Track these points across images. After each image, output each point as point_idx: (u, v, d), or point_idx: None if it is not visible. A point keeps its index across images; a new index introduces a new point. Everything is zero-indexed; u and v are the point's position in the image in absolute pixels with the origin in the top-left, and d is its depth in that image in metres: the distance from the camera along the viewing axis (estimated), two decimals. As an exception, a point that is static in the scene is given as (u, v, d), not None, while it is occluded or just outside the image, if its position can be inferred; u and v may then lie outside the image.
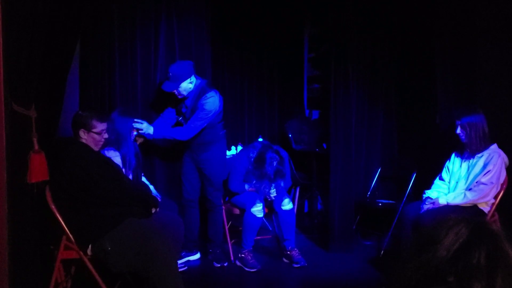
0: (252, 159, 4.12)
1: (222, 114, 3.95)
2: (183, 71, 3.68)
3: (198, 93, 3.76)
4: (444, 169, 3.72)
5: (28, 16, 2.46)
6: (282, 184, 4.18)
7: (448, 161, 3.70)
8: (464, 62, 4.00)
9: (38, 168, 2.59)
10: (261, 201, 3.99)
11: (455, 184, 3.60)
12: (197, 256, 4.10)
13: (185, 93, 3.75)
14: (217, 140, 3.94)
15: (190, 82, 3.73)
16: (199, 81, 3.80)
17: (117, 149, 3.38)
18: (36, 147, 2.61)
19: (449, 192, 3.62)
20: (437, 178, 3.74)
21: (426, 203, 3.55)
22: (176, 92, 3.74)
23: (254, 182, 4.14)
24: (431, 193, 3.63)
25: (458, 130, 3.52)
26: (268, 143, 4.28)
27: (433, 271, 0.98)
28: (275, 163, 4.05)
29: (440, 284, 0.97)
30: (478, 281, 0.95)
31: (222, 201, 4.10)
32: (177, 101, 3.89)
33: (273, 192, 4.08)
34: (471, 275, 0.96)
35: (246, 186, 4.18)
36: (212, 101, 3.73)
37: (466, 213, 3.34)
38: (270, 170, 4.03)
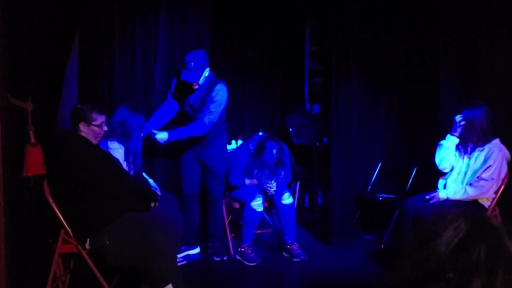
0: (252, 151, 4.13)
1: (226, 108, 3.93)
2: (203, 61, 3.67)
3: (208, 85, 3.73)
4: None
5: (26, 8, 2.44)
6: (282, 174, 4.18)
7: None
8: (467, 57, 3.98)
9: (35, 161, 2.57)
10: (261, 195, 3.97)
11: (457, 176, 3.58)
12: (197, 250, 4.08)
13: (200, 82, 3.71)
14: (221, 133, 3.94)
15: (207, 72, 3.73)
16: (208, 72, 3.78)
17: (121, 142, 3.36)
18: (33, 140, 2.59)
19: (450, 183, 3.60)
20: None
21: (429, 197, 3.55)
22: (196, 83, 3.69)
23: (256, 171, 4.13)
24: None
25: (458, 125, 3.51)
26: (267, 136, 4.28)
27: (432, 267, 0.96)
28: (274, 151, 4.08)
29: (439, 280, 0.94)
30: (478, 277, 0.92)
31: (222, 195, 4.09)
32: (181, 91, 3.82)
33: (273, 187, 4.06)
34: (471, 271, 0.93)
35: (247, 181, 4.17)
36: (223, 93, 3.73)
37: (467, 208, 3.32)
38: (270, 158, 4.06)
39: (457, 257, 0.95)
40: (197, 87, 3.72)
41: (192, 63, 3.59)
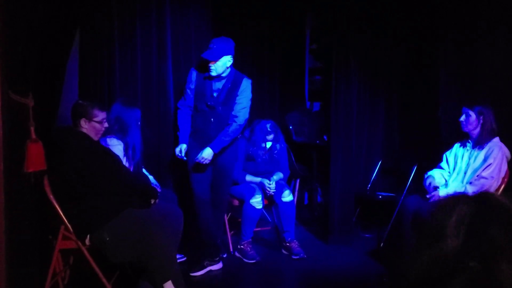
0: (247, 135, 4.22)
1: None
2: (228, 46, 3.53)
3: (234, 77, 3.62)
4: (443, 160, 3.70)
5: (27, 5, 2.44)
6: (278, 148, 4.25)
7: (448, 152, 3.68)
8: (467, 55, 3.98)
9: (35, 157, 2.57)
10: (260, 192, 3.98)
11: (456, 176, 3.59)
12: (220, 265, 3.75)
13: (220, 70, 3.54)
14: None
15: (229, 61, 3.56)
16: (230, 62, 3.61)
17: (120, 138, 3.35)
18: (33, 136, 2.59)
19: (450, 182, 3.60)
20: (435, 168, 3.73)
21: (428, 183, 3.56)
22: (212, 66, 3.51)
23: (251, 149, 4.19)
24: (433, 173, 3.64)
25: (462, 118, 3.50)
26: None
27: (450, 260, 0.88)
28: (268, 126, 4.19)
29: (462, 272, 0.86)
30: (502, 258, 0.85)
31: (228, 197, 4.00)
32: (201, 85, 3.65)
33: (272, 188, 4.06)
34: (491, 254, 0.85)
35: (248, 177, 4.16)
36: (250, 87, 3.66)
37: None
38: (264, 132, 4.17)
39: (472, 243, 0.87)
40: (214, 73, 3.52)
41: (214, 45, 3.50)
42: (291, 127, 5.15)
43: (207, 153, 3.54)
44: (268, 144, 4.28)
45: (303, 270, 3.84)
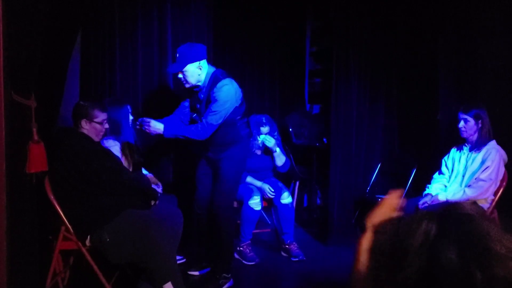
0: None
1: (244, 110, 3.41)
2: (192, 52, 3.16)
3: (211, 84, 3.23)
4: (442, 165, 3.72)
5: (29, 4, 2.45)
6: (275, 135, 4.24)
7: (446, 156, 3.70)
8: (467, 58, 3.99)
9: (37, 158, 2.58)
10: (258, 194, 3.99)
11: (454, 179, 3.60)
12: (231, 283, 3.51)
13: (192, 80, 3.21)
14: (238, 140, 3.39)
15: (199, 68, 3.19)
16: (212, 69, 3.28)
17: (115, 138, 3.35)
18: (36, 137, 2.59)
19: (449, 186, 3.62)
20: (437, 173, 3.74)
21: (425, 199, 3.55)
22: (182, 78, 3.21)
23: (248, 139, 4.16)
24: (431, 189, 3.63)
25: (461, 124, 3.51)
26: None
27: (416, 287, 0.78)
28: (263, 119, 4.21)
29: None
30: (462, 285, 0.75)
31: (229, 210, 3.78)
32: (191, 95, 3.40)
33: (271, 191, 4.07)
34: (452, 280, 0.75)
35: (248, 179, 4.17)
36: (227, 89, 3.17)
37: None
38: (258, 123, 4.17)
39: (435, 267, 0.77)
40: (188, 85, 3.25)
41: (177, 53, 3.18)
42: (291, 129, 5.16)
43: (156, 126, 3.16)
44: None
45: (302, 272, 3.85)
